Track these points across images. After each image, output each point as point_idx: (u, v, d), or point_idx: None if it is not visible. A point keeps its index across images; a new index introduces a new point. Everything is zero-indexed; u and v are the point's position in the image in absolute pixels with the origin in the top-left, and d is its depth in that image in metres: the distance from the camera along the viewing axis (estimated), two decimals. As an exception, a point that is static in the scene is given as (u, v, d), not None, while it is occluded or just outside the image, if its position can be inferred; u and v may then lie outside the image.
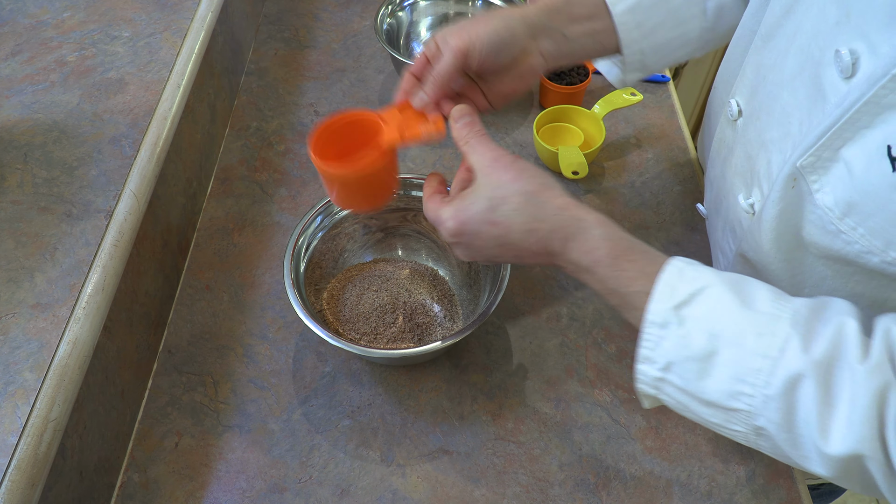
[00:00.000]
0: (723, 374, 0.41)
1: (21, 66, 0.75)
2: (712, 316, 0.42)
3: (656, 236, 0.79)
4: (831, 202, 0.44)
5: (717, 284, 0.43)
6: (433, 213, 0.50)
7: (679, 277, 0.43)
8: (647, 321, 0.43)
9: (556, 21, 0.57)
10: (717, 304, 0.42)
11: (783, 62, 0.50)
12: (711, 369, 0.42)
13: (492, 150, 0.49)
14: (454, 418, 0.64)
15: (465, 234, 0.48)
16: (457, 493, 0.60)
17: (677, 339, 0.42)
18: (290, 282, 0.62)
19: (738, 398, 0.41)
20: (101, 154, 0.66)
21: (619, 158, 0.88)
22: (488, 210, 0.47)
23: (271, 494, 0.60)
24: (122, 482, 0.60)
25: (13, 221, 0.60)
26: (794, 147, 0.47)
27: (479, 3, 0.99)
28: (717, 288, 0.42)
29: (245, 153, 0.88)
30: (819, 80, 0.44)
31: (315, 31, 1.07)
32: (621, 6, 0.58)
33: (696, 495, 0.60)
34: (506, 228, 0.47)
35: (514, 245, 0.47)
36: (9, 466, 0.46)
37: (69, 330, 0.53)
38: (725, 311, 0.42)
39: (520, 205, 0.46)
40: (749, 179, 0.55)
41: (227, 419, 0.64)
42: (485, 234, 0.47)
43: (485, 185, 0.47)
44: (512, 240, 0.47)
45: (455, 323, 0.69)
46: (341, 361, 0.68)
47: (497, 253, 0.49)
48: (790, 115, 0.48)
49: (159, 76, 0.75)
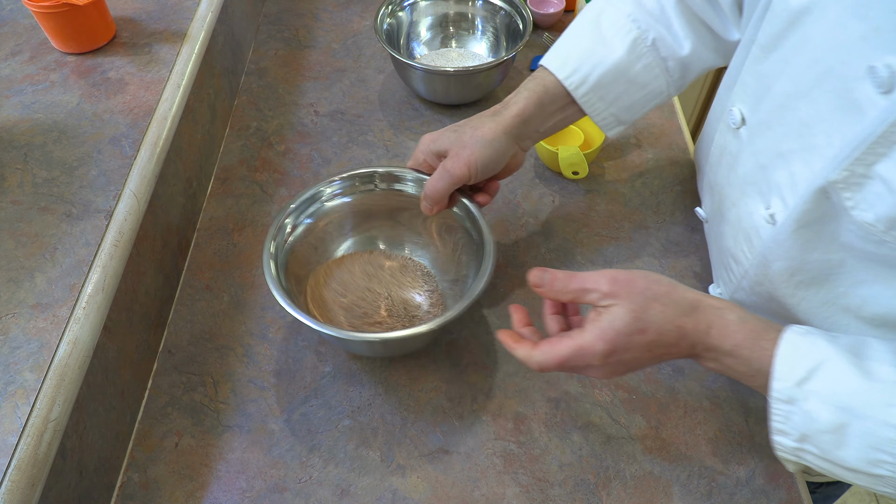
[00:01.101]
0: (858, 445, 0.43)
1: (21, 66, 0.75)
2: (836, 390, 0.43)
3: (656, 236, 0.79)
4: (872, 218, 0.44)
5: (835, 357, 0.44)
6: (567, 351, 0.50)
7: (795, 353, 0.45)
8: (772, 397, 0.45)
9: (533, 125, 0.65)
10: (839, 378, 0.44)
11: (793, 73, 0.50)
12: (846, 440, 0.43)
13: (598, 275, 0.50)
14: (454, 418, 0.64)
15: (616, 352, 0.49)
16: (457, 493, 0.60)
17: (805, 415, 0.44)
18: (270, 264, 0.62)
19: (879, 466, 0.42)
20: (101, 154, 0.67)
21: (619, 158, 0.88)
22: (634, 321, 0.48)
23: (271, 494, 0.60)
24: (122, 482, 0.60)
25: (13, 221, 0.60)
26: (822, 160, 0.47)
27: (479, 3, 0.99)
28: (835, 361, 0.44)
29: (245, 153, 0.88)
30: (850, 94, 0.44)
31: (315, 31, 1.07)
32: (582, 89, 0.65)
33: (696, 495, 0.60)
34: (656, 333, 0.48)
35: (664, 345, 0.49)
36: (9, 466, 0.46)
37: (69, 330, 0.53)
38: (848, 385, 0.43)
39: (663, 308, 0.48)
40: (765, 189, 0.55)
41: (227, 419, 0.64)
42: (635, 344, 0.49)
43: (620, 302, 0.49)
44: (663, 341, 0.49)
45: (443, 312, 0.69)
46: (341, 361, 0.68)
47: (646, 359, 0.50)
48: (811, 127, 0.48)
49: (159, 76, 0.75)
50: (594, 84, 0.64)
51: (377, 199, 0.72)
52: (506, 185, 0.84)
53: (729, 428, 0.64)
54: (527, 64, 1.01)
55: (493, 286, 0.74)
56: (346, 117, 0.93)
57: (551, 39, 1.03)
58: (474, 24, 1.01)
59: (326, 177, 0.71)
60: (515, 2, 0.95)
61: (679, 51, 0.65)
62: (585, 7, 0.68)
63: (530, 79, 0.66)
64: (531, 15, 0.93)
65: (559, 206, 0.82)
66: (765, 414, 0.64)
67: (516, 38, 0.94)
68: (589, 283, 0.50)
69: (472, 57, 1.00)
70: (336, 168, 0.86)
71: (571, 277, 0.51)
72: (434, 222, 0.72)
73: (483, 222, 0.65)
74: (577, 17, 0.68)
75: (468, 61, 1.00)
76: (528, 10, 0.94)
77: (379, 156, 0.88)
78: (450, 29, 1.02)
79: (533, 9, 1.03)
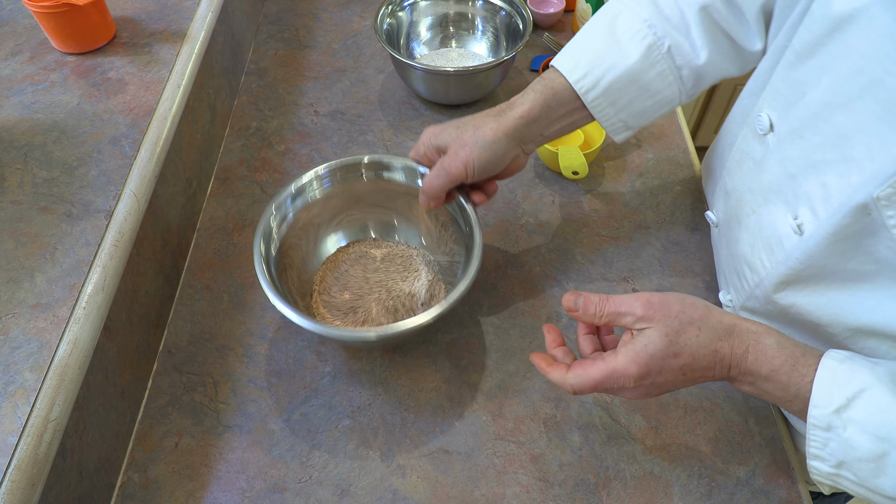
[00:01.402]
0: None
1: (21, 66, 0.75)
2: (876, 419, 0.43)
3: (656, 236, 0.79)
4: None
5: (876, 386, 0.44)
6: (600, 374, 0.49)
7: (834, 379, 0.45)
8: (810, 424, 0.45)
9: (537, 128, 0.64)
10: (879, 407, 0.43)
11: (831, 82, 0.49)
12: (885, 469, 0.43)
13: (632, 299, 0.50)
14: (454, 418, 0.64)
15: (650, 375, 0.49)
16: (457, 493, 0.60)
17: (843, 442, 0.44)
18: (260, 259, 0.62)
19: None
20: (101, 154, 0.67)
21: (619, 158, 0.88)
22: (669, 345, 0.48)
23: (271, 494, 0.60)
24: (122, 482, 0.60)
25: (13, 221, 0.60)
26: (860, 173, 0.46)
27: (479, 3, 0.99)
28: (875, 390, 0.44)
29: (245, 153, 0.88)
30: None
31: (315, 31, 1.07)
32: (592, 94, 0.63)
33: (696, 495, 0.60)
34: (690, 357, 0.48)
35: (698, 369, 0.49)
36: (9, 466, 0.46)
37: (69, 330, 0.53)
38: (889, 415, 0.43)
39: (698, 332, 0.48)
40: (792, 198, 0.54)
41: (227, 419, 0.64)
42: (669, 367, 0.48)
43: (654, 325, 0.49)
44: (698, 365, 0.48)
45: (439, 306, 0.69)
46: (341, 361, 0.68)
47: (680, 381, 0.50)
48: (850, 138, 0.47)
49: (159, 76, 0.75)
50: (605, 89, 0.63)
51: (365, 188, 0.73)
52: (506, 185, 0.84)
53: (729, 428, 0.64)
54: (527, 64, 1.01)
55: (494, 286, 0.74)
56: (346, 117, 0.93)
57: (551, 39, 1.03)
58: (474, 24, 1.01)
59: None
60: (515, 2, 0.95)
61: (695, 60, 0.64)
62: (602, 7, 0.67)
63: (539, 80, 0.65)
64: (531, 15, 0.93)
65: (559, 206, 0.82)
66: (765, 414, 0.65)
67: (516, 38, 0.94)
68: (623, 307, 0.50)
69: (472, 57, 1.00)
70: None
71: (605, 301, 0.51)
72: (426, 213, 0.73)
73: (474, 218, 0.65)
74: (593, 18, 0.67)
75: (468, 61, 1.00)
76: (528, 10, 0.94)
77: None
78: (450, 29, 1.02)
79: (533, 9, 1.03)
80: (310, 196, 0.70)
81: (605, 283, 0.74)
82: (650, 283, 0.74)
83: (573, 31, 1.06)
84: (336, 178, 0.71)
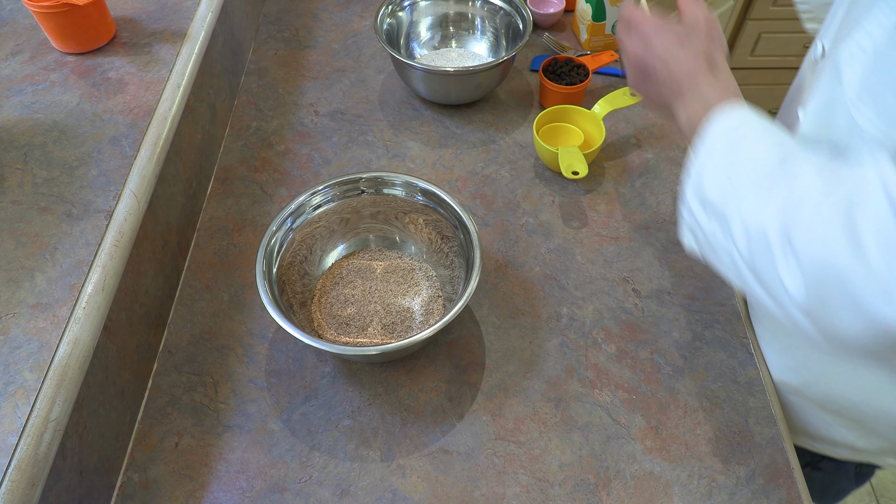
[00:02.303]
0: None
1: (21, 66, 0.75)
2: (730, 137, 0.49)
3: (656, 236, 0.79)
4: None
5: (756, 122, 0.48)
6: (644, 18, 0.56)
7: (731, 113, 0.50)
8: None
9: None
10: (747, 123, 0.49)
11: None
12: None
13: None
14: (454, 418, 0.64)
15: (660, 32, 0.55)
16: (457, 493, 0.60)
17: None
18: (262, 275, 0.63)
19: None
20: (101, 154, 0.67)
21: (619, 158, 0.88)
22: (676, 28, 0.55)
23: (271, 494, 0.60)
24: (122, 482, 0.60)
25: (13, 221, 0.60)
26: None
27: (479, 3, 0.99)
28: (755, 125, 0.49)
29: (245, 153, 0.88)
30: None
31: (315, 31, 1.07)
32: None
33: (696, 495, 0.60)
34: (693, 54, 0.53)
35: (696, 43, 0.53)
36: (9, 466, 0.46)
37: (69, 330, 0.53)
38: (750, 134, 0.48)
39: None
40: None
41: (227, 419, 0.64)
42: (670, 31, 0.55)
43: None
44: (694, 38, 0.54)
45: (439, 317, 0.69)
46: (341, 362, 0.68)
47: (672, 54, 0.54)
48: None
49: (159, 76, 0.75)
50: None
51: (365, 203, 0.73)
52: (505, 185, 0.84)
53: (729, 428, 0.64)
54: (527, 64, 1.00)
55: (494, 287, 0.74)
56: (346, 117, 0.93)
57: (551, 39, 1.03)
58: (474, 24, 1.01)
59: (326, 177, 0.71)
60: (515, 2, 0.95)
61: None
62: None
63: None
64: (531, 15, 0.93)
65: (559, 206, 0.82)
66: (765, 414, 0.65)
67: (516, 38, 0.94)
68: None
69: (472, 57, 1.00)
70: (336, 168, 0.86)
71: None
72: (426, 226, 0.73)
73: (475, 236, 0.66)
74: None
75: (468, 61, 1.00)
76: (528, 10, 0.94)
77: (379, 156, 0.88)
78: (450, 29, 1.02)
79: (533, 9, 1.03)
80: (311, 210, 0.70)
81: (605, 283, 0.74)
82: (650, 284, 0.74)
83: (573, 31, 1.06)
84: (338, 195, 0.72)
